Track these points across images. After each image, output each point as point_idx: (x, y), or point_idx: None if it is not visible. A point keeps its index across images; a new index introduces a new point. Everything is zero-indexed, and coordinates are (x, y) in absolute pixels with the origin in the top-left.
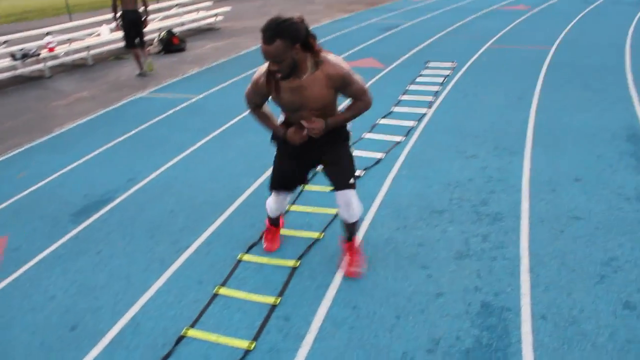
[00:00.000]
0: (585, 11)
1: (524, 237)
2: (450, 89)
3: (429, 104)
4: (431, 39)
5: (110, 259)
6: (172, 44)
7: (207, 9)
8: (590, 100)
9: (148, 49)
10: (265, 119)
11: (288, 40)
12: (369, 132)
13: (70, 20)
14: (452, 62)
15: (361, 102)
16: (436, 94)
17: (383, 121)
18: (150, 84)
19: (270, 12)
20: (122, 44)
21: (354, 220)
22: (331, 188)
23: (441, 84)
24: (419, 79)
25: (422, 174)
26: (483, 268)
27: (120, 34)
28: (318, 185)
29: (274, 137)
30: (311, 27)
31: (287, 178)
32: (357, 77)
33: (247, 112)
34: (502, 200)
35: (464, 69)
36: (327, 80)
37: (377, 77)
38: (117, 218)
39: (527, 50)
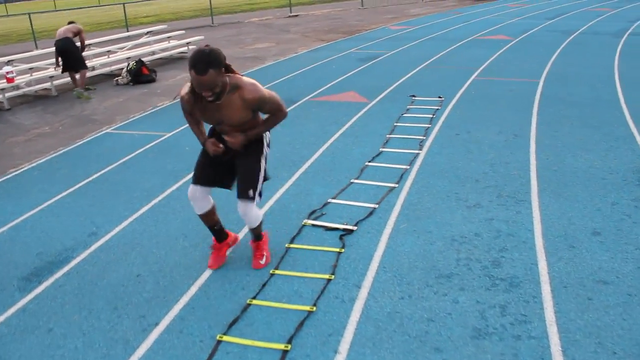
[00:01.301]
0: (567, 42)
1: (549, 308)
2: (441, 126)
3: (420, 144)
4: (414, 70)
5: (63, 339)
6: (141, 74)
7: (179, 37)
8: (591, 138)
9: (82, 79)
10: (192, 126)
11: (217, 68)
12: (358, 177)
13: (36, 47)
14: (439, 97)
15: (277, 115)
16: (426, 132)
17: (372, 164)
18: (118, 118)
19: (244, 41)
20: (87, 73)
21: (252, 227)
22: None
23: (430, 120)
24: (406, 115)
25: (422, 227)
26: (507, 351)
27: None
28: (306, 244)
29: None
30: (288, 57)
31: (204, 171)
32: (271, 96)
33: None
34: (516, 261)
35: (452, 103)
36: (243, 103)
37: (361, 112)
38: (74, 284)
39: (515, 83)
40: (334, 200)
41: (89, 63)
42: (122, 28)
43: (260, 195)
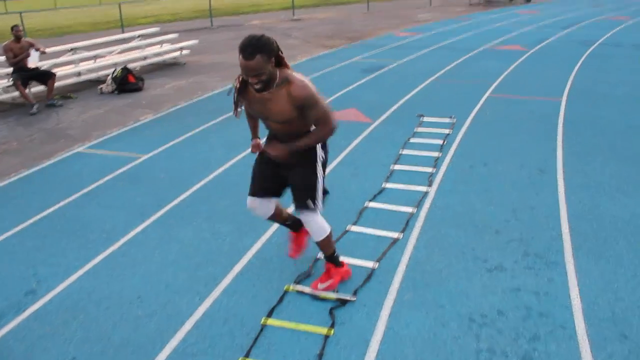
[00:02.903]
0: (586, 54)
1: None
2: (453, 155)
3: (429, 179)
4: (422, 84)
5: None
6: (127, 82)
7: (172, 41)
8: (629, 176)
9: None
10: (248, 119)
11: (266, 55)
12: (355, 223)
13: None
14: (451, 117)
15: (323, 128)
16: (436, 162)
17: (372, 205)
18: (94, 134)
19: None
20: (72, 80)
21: (316, 240)
22: None
23: (441, 147)
24: (413, 140)
25: (431, 298)
26: None
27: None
28: (287, 320)
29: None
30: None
31: (259, 183)
32: (322, 102)
33: (199, 186)
34: (553, 356)
35: (465, 126)
36: (289, 98)
37: (363, 135)
38: None
39: (535, 102)
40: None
41: (74, 68)
42: (118, 28)
43: (321, 203)
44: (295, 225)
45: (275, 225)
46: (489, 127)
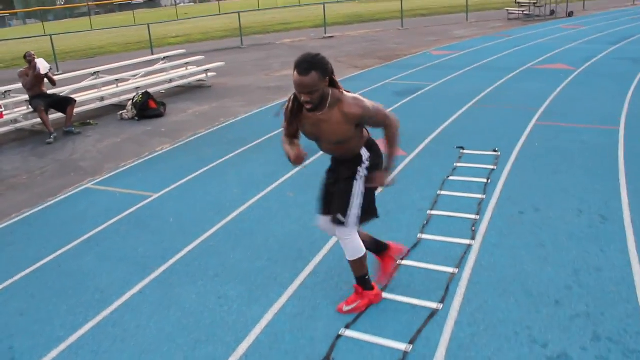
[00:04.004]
0: None
1: None
2: (499, 198)
3: (472, 228)
4: (461, 110)
5: None
6: (147, 108)
7: (198, 63)
8: None
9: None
10: (284, 144)
11: (321, 73)
12: (385, 288)
13: (57, 70)
14: (494, 150)
15: (390, 130)
16: (480, 207)
17: (408, 263)
18: (107, 166)
19: (272, 66)
20: (94, 105)
21: (348, 259)
22: None
23: (484, 188)
24: (452, 178)
25: None
26: None
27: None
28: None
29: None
30: None
31: (324, 202)
32: (375, 108)
33: (210, 233)
34: None
35: (511, 161)
36: (344, 117)
37: (396, 171)
38: None
39: (588, 131)
40: (349, 333)
41: (97, 93)
42: (148, 49)
43: (357, 220)
44: (377, 248)
45: (292, 285)
46: (538, 161)
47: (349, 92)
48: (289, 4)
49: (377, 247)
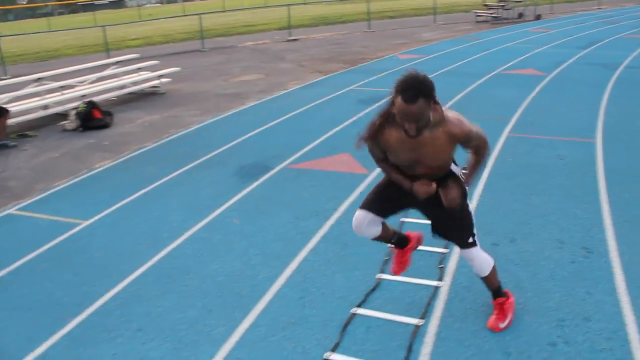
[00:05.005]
0: (613, 80)
1: None
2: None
3: (440, 266)
4: None
5: None
6: (92, 118)
7: (152, 68)
8: None
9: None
10: (390, 172)
11: (427, 98)
12: (336, 348)
13: (5, 74)
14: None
15: (482, 152)
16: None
17: (363, 312)
18: (37, 187)
19: (232, 71)
20: (36, 114)
21: (482, 275)
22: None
23: None
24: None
25: None
26: None
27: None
28: None
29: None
30: (274, 95)
31: (379, 203)
32: (477, 131)
33: (139, 272)
34: None
35: (482, 180)
36: (449, 138)
37: (355, 193)
38: None
39: (563, 144)
40: None
41: (40, 101)
42: (105, 52)
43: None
44: (401, 242)
45: (228, 343)
46: (512, 181)
47: (449, 110)
48: (254, 5)
49: (400, 240)
